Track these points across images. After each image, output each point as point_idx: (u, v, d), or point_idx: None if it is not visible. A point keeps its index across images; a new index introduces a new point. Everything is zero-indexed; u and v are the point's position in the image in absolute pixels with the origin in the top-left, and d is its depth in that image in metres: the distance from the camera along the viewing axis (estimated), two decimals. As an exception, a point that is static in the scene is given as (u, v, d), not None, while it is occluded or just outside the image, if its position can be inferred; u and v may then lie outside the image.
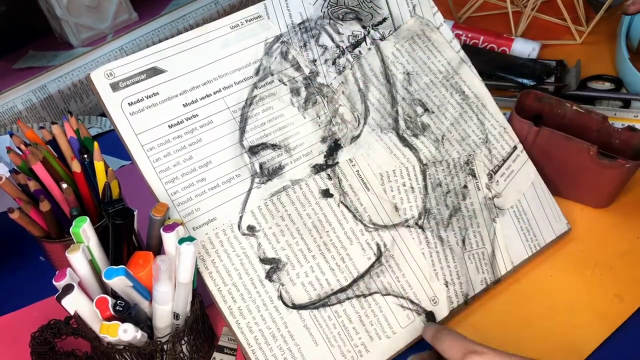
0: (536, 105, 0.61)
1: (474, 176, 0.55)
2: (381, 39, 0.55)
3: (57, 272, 0.40)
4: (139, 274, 0.42)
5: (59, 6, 0.81)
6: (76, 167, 0.47)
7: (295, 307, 0.47)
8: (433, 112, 0.55)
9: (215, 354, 0.49)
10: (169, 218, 0.45)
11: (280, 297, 0.47)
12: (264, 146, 0.49)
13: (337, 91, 0.53)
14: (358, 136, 0.53)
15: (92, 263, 0.42)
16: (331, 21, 0.54)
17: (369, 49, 0.55)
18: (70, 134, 0.50)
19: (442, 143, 0.55)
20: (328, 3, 0.54)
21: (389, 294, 0.50)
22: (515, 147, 0.57)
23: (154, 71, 0.47)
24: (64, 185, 0.46)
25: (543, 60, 0.76)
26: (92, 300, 0.40)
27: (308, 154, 0.51)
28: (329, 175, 0.51)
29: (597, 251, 0.56)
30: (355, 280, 0.49)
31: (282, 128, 0.50)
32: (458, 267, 0.52)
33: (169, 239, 0.42)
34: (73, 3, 0.81)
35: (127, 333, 0.40)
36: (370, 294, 0.49)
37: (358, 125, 0.53)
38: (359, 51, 0.54)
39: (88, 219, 0.41)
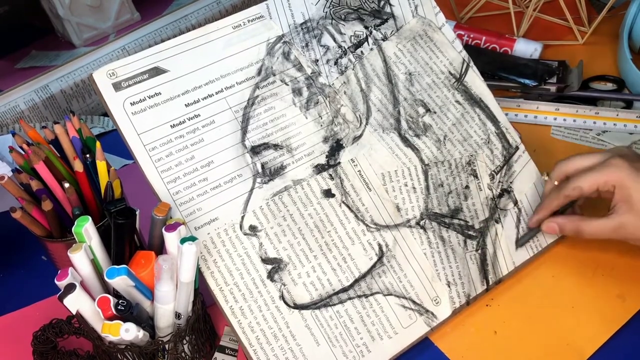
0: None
1: (475, 177, 0.55)
2: (383, 39, 0.55)
3: (59, 272, 0.40)
4: (140, 274, 0.42)
5: (61, 6, 0.81)
6: (78, 166, 0.47)
7: (297, 307, 0.47)
8: (435, 113, 0.55)
9: (217, 354, 0.49)
10: (171, 218, 0.45)
11: (282, 297, 0.47)
12: (265, 146, 0.49)
13: (339, 91, 0.53)
14: (360, 136, 0.53)
15: (94, 262, 0.42)
16: (333, 21, 0.54)
17: (371, 49, 0.55)
18: (73, 133, 0.50)
19: (444, 143, 0.55)
20: (330, 3, 0.54)
21: (391, 294, 0.50)
22: (517, 148, 0.57)
23: (156, 71, 0.47)
24: (66, 185, 0.46)
25: (545, 61, 0.76)
26: (94, 300, 0.40)
27: (310, 154, 0.51)
28: (330, 175, 0.51)
29: (599, 251, 0.56)
30: (356, 281, 0.49)
31: (284, 128, 0.50)
32: (460, 268, 0.52)
33: (171, 239, 0.42)
34: (75, 3, 0.82)
35: (129, 332, 0.40)
36: (372, 294, 0.49)
37: (360, 125, 0.53)
38: (361, 51, 0.54)
39: (90, 218, 0.41)
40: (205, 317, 0.48)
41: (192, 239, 0.41)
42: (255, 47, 0.50)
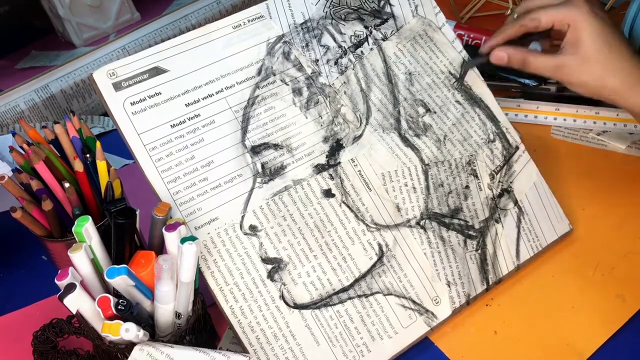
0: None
1: (475, 176, 0.55)
2: (383, 39, 0.55)
3: (59, 271, 0.40)
4: (141, 273, 0.42)
5: (62, 6, 0.81)
6: (78, 166, 0.47)
7: (297, 306, 0.47)
8: (435, 113, 0.55)
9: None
10: (171, 217, 0.45)
11: (282, 297, 0.47)
12: (265, 146, 0.49)
13: (339, 91, 0.53)
14: (360, 136, 0.53)
15: (94, 262, 0.42)
16: (333, 21, 0.54)
17: (371, 49, 0.55)
18: (73, 133, 0.50)
19: (444, 143, 0.55)
20: (330, 3, 0.54)
21: (391, 294, 0.50)
22: (517, 148, 0.57)
23: (156, 71, 0.47)
24: (67, 185, 0.46)
25: (545, 61, 0.76)
26: (94, 300, 0.40)
27: (310, 154, 0.51)
28: (330, 175, 0.51)
29: (599, 251, 0.56)
30: (357, 280, 0.49)
31: (284, 128, 0.50)
32: (460, 267, 0.52)
33: (171, 239, 0.42)
34: (75, 3, 0.82)
35: (129, 332, 0.40)
36: (372, 294, 0.49)
37: (360, 125, 0.53)
38: (361, 51, 0.54)
39: (90, 218, 0.41)
40: (205, 317, 0.48)
41: (192, 238, 0.41)
42: (255, 47, 0.50)
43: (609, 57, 0.49)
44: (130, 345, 0.42)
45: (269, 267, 0.47)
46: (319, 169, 0.51)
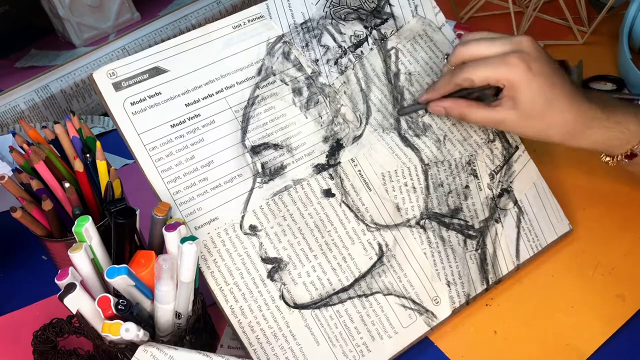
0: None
1: (475, 176, 0.55)
2: (383, 39, 0.55)
3: (59, 271, 0.40)
4: (141, 273, 0.42)
5: (62, 6, 0.81)
6: (79, 166, 0.47)
7: (297, 306, 0.47)
8: (435, 112, 0.55)
9: (217, 354, 0.49)
10: (171, 217, 0.45)
11: (282, 297, 0.47)
12: (265, 146, 0.49)
13: (339, 91, 0.53)
14: (360, 136, 0.53)
15: (95, 262, 0.42)
16: (333, 21, 0.54)
17: (371, 49, 0.55)
18: (73, 133, 0.50)
19: (444, 143, 0.55)
20: (330, 3, 0.54)
21: (391, 294, 0.50)
22: (517, 148, 0.57)
23: (156, 71, 0.47)
24: (67, 185, 0.46)
25: (545, 61, 0.76)
26: (94, 299, 0.40)
27: (310, 154, 0.51)
28: (330, 175, 0.51)
29: (599, 251, 0.56)
30: (356, 280, 0.49)
31: (284, 128, 0.50)
32: (460, 267, 0.52)
33: (171, 239, 0.42)
34: (75, 3, 0.82)
35: (129, 332, 0.40)
36: (372, 294, 0.49)
37: (360, 125, 0.53)
38: (361, 51, 0.54)
39: (90, 218, 0.41)
40: (205, 316, 0.48)
41: (192, 238, 0.41)
42: (255, 47, 0.50)
43: (548, 113, 0.48)
44: (130, 345, 0.42)
45: (269, 267, 0.47)
46: (319, 168, 0.51)
